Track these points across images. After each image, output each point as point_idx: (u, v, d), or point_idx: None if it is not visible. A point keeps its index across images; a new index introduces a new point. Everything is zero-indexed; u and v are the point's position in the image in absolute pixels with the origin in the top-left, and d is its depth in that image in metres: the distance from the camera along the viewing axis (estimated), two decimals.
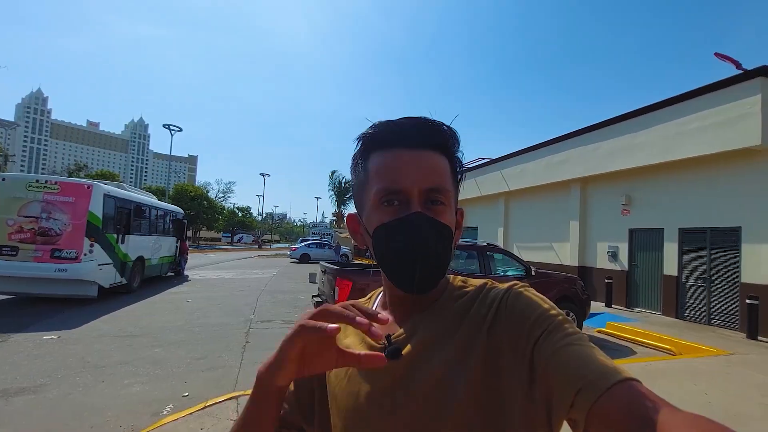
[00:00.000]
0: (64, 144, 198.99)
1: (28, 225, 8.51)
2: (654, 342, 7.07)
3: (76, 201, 8.81)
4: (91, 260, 8.77)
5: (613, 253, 10.97)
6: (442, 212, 0.61)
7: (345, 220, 0.72)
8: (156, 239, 12.96)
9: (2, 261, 8.28)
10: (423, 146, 0.61)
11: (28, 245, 8.44)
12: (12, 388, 4.24)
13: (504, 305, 0.58)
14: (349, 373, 0.65)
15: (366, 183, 0.63)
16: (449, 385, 0.56)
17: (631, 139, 10.08)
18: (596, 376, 0.44)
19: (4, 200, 8.55)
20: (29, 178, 8.99)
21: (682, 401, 4.15)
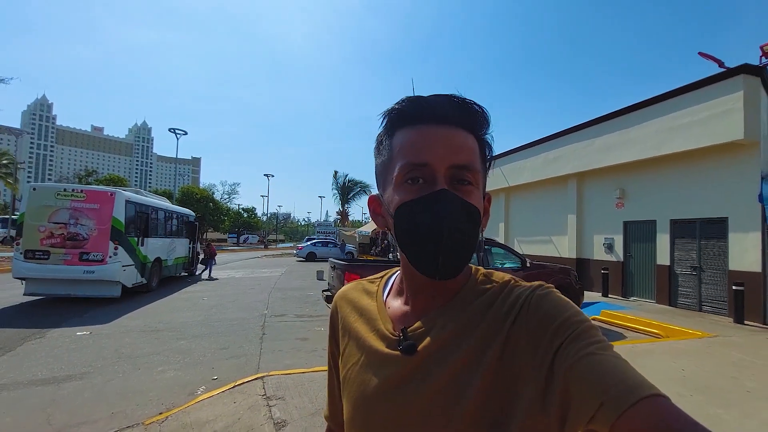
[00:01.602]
0: (69, 149, 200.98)
1: (58, 230, 9.17)
2: (644, 327, 7.52)
3: (100, 207, 9.49)
4: (116, 262, 9.42)
5: (608, 244, 11.40)
6: (470, 193, 0.58)
7: (367, 202, 0.69)
8: (171, 241, 13.64)
9: (36, 264, 8.98)
10: (452, 123, 0.58)
11: (59, 249, 9.11)
12: (60, 375, 4.77)
13: (527, 306, 0.55)
14: (361, 359, 0.64)
15: (390, 161, 0.60)
16: (462, 386, 0.54)
17: (624, 134, 10.49)
18: (622, 389, 0.42)
19: (35, 208, 9.22)
20: (58, 187, 9.67)
21: (659, 376, 4.61)
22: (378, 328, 0.65)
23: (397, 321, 0.64)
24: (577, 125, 12.35)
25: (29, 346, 5.89)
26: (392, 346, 0.61)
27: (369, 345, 0.64)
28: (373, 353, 0.63)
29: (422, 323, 0.61)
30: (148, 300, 9.87)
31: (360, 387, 0.62)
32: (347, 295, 0.75)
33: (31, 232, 9.10)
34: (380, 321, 0.66)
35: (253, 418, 3.46)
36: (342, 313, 0.74)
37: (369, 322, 0.67)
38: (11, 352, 5.57)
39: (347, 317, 0.72)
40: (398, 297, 0.68)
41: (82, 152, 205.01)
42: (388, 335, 0.63)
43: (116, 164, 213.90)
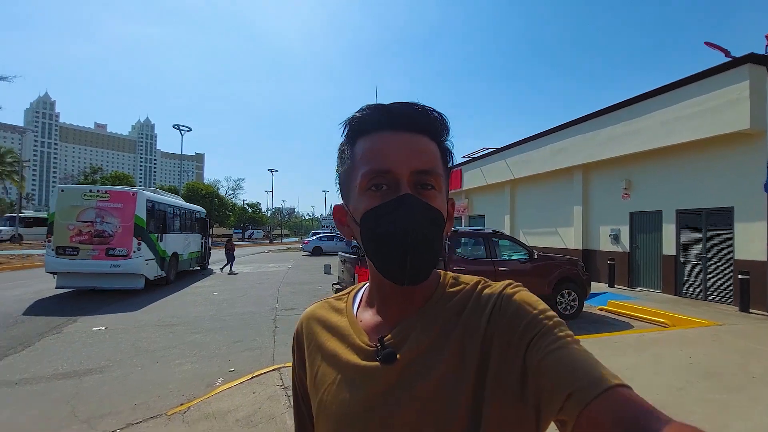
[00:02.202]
0: (73, 147, 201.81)
1: (86, 228, 9.91)
2: (650, 317, 7.59)
3: (124, 206, 10.20)
4: (139, 257, 10.16)
5: (614, 235, 11.44)
6: (433, 197, 0.58)
7: (332, 213, 0.68)
8: (185, 237, 14.35)
9: (66, 260, 9.73)
10: (413, 129, 0.59)
11: (87, 246, 9.83)
12: (80, 369, 4.91)
13: (498, 306, 0.57)
14: (338, 377, 0.62)
15: (352, 169, 0.61)
16: (448, 393, 0.54)
17: (630, 125, 10.47)
18: (588, 380, 0.44)
19: (64, 208, 9.94)
20: (84, 189, 10.54)
21: (667, 364, 4.70)
22: (353, 342, 0.63)
23: (372, 332, 0.63)
24: (583, 116, 12.33)
25: (47, 341, 6.05)
26: (370, 357, 0.60)
27: (345, 361, 0.62)
28: (351, 368, 0.61)
29: (398, 331, 0.60)
30: (160, 296, 10.04)
31: (341, 406, 0.60)
32: (315, 315, 0.72)
33: (61, 230, 9.81)
34: (354, 335, 0.64)
35: (273, 407, 3.58)
36: (310, 334, 0.71)
37: (342, 339, 0.65)
38: (30, 347, 5.73)
39: (317, 337, 0.69)
40: (369, 309, 0.67)
41: (86, 150, 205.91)
42: (364, 347, 0.61)
43: (120, 161, 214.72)
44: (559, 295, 7.67)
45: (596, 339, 5.94)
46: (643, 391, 3.90)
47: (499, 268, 7.39)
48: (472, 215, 20.35)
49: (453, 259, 7.29)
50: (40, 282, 12.09)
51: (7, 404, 3.91)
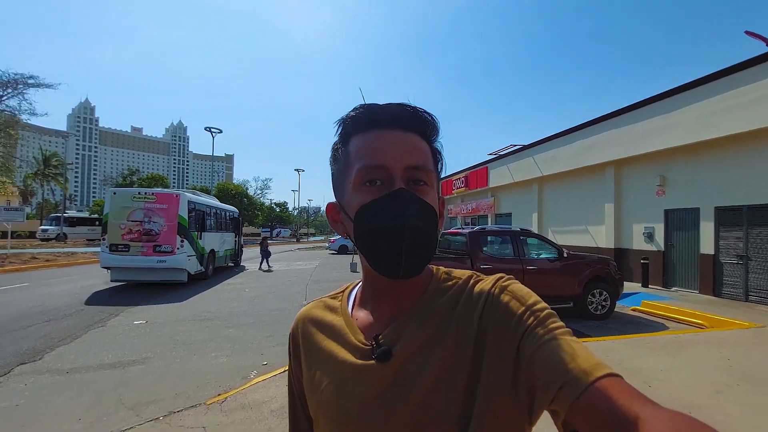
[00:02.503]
0: (112, 150, 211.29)
1: (135, 227, 10.94)
2: (686, 318, 7.32)
3: (168, 207, 11.20)
4: (183, 253, 11.21)
5: (649, 234, 11.06)
6: (426, 193, 0.59)
7: (325, 211, 0.69)
8: (221, 235, 15.38)
9: (118, 256, 10.83)
10: (405, 128, 0.60)
11: (136, 243, 10.87)
12: (124, 360, 5.21)
13: (490, 301, 0.58)
14: (335, 378, 0.62)
15: (346, 167, 0.61)
16: (445, 388, 0.55)
17: (665, 119, 10.10)
18: (579, 371, 0.45)
19: (116, 209, 10.99)
20: (133, 191, 11.66)
21: (704, 366, 4.55)
22: (348, 341, 0.63)
23: (367, 330, 0.63)
24: (615, 111, 11.96)
25: (93, 333, 6.44)
26: (366, 356, 0.60)
27: (341, 360, 0.62)
28: (348, 368, 0.61)
29: (393, 328, 0.60)
30: (195, 292, 10.48)
31: (339, 406, 0.60)
32: (310, 315, 0.72)
33: (114, 229, 10.90)
34: (349, 334, 0.64)
35: None
36: (306, 334, 0.71)
37: (338, 338, 0.65)
38: (78, 339, 6.11)
39: (313, 337, 0.69)
40: (363, 307, 0.67)
41: (123, 152, 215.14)
42: (360, 346, 0.62)
43: (155, 163, 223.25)
44: (590, 295, 7.51)
45: (628, 339, 5.81)
46: (678, 393, 3.84)
47: (527, 266, 7.31)
48: (498, 213, 20.09)
49: (480, 257, 7.27)
50: (84, 278, 12.85)
51: (61, 391, 4.21)
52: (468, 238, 7.50)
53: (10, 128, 22.48)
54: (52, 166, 45.11)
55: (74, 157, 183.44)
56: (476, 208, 21.84)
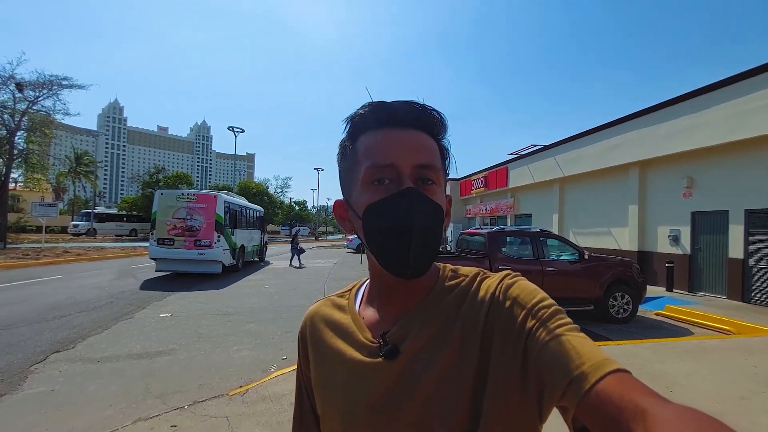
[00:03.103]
0: (139, 148, 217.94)
1: (179, 224, 12.40)
2: (712, 323, 7.11)
3: (207, 206, 12.58)
4: (219, 247, 12.58)
5: (674, 236, 10.76)
6: (434, 192, 0.59)
7: (332, 208, 0.69)
8: (250, 232, 16.71)
9: (165, 249, 12.28)
10: (414, 126, 0.60)
11: (180, 238, 12.33)
12: (151, 351, 5.42)
13: (497, 297, 0.58)
14: (343, 376, 0.63)
15: (355, 165, 0.62)
16: (451, 385, 0.55)
17: (693, 119, 9.81)
18: (588, 366, 0.45)
19: (163, 208, 12.46)
20: (177, 192, 13.29)
21: (730, 373, 4.44)
22: (356, 339, 0.64)
23: (374, 328, 0.64)
24: (640, 110, 11.67)
25: (122, 325, 6.71)
26: (373, 354, 0.61)
27: (350, 358, 0.63)
28: (355, 365, 0.62)
29: (400, 326, 0.61)
30: (218, 287, 10.77)
31: (347, 404, 0.61)
32: (319, 314, 0.73)
33: (161, 225, 12.31)
34: (357, 332, 0.65)
35: None
36: (314, 332, 0.71)
37: (346, 336, 0.66)
38: (108, 330, 6.38)
39: (321, 335, 0.69)
40: (371, 305, 0.68)
41: (150, 151, 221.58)
42: (367, 344, 0.62)
43: (180, 161, 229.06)
44: (612, 298, 7.38)
45: (651, 344, 5.69)
46: (701, 399, 3.76)
47: (546, 268, 7.24)
48: (518, 214, 19.86)
49: (498, 258, 7.24)
50: (111, 272, 13.32)
51: (93, 379, 4.42)
52: (486, 239, 7.47)
53: (45, 128, 23.43)
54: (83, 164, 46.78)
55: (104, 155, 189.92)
56: (495, 208, 21.64)
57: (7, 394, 4.01)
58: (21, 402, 3.86)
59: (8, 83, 20.90)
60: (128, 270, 14.02)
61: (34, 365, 4.79)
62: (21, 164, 23.29)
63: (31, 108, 22.16)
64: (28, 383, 4.29)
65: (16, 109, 21.57)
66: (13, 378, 4.41)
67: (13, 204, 37.27)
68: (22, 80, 21.22)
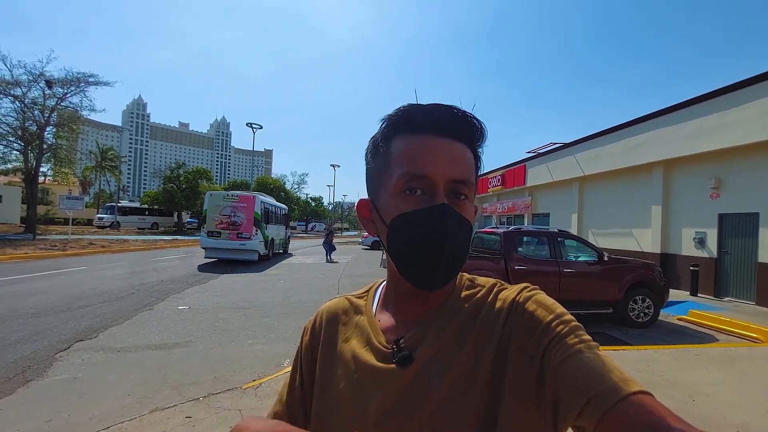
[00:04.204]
0: (161, 144, 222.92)
1: (225, 219, 15.06)
2: (739, 330, 6.84)
3: (247, 205, 15.28)
4: (256, 239, 15.21)
5: (700, 239, 10.41)
6: (465, 207, 0.58)
7: (356, 206, 0.67)
8: (277, 227, 19.11)
9: (213, 240, 14.99)
10: (452, 135, 0.58)
11: (225, 230, 15.02)
12: (169, 342, 5.54)
13: (516, 308, 0.57)
14: (354, 378, 0.62)
15: (386, 168, 0.60)
16: (462, 394, 0.54)
17: (721, 117, 9.45)
18: (608, 386, 0.44)
19: (212, 206, 15.23)
20: (224, 193, 16.13)
21: (758, 382, 4.27)
22: (371, 343, 0.63)
23: (389, 333, 0.63)
24: (665, 108, 11.31)
25: (141, 316, 6.87)
26: (387, 359, 0.60)
27: (363, 361, 0.62)
28: (368, 369, 0.61)
29: (414, 333, 0.60)
30: (233, 281, 10.95)
31: (356, 408, 0.60)
32: (334, 312, 0.72)
33: (210, 220, 15.04)
34: (372, 335, 0.64)
35: None
36: (328, 331, 0.70)
37: (361, 339, 0.65)
38: (128, 321, 6.55)
39: (336, 335, 0.68)
40: (387, 309, 0.67)
41: (171, 146, 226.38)
42: (381, 349, 0.61)
43: (200, 157, 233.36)
44: (632, 302, 7.18)
45: (673, 350, 5.52)
46: (726, 410, 3.63)
47: (564, 269, 7.09)
48: (536, 213, 19.55)
49: (514, 258, 7.12)
50: (133, 264, 13.69)
51: (113, 368, 4.55)
52: (502, 238, 7.35)
53: (72, 123, 24.22)
54: (107, 159, 48.23)
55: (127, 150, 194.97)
56: (512, 207, 21.35)
57: (33, 380, 4.16)
58: (46, 388, 3.99)
59: (38, 80, 21.64)
60: (149, 262, 14.38)
61: (58, 353, 4.96)
62: (50, 158, 24.11)
63: (59, 104, 22.92)
64: (53, 370, 4.44)
65: (45, 105, 22.33)
66: (39, 365, 4.57)
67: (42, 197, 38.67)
68: (51, 77, 21.95)
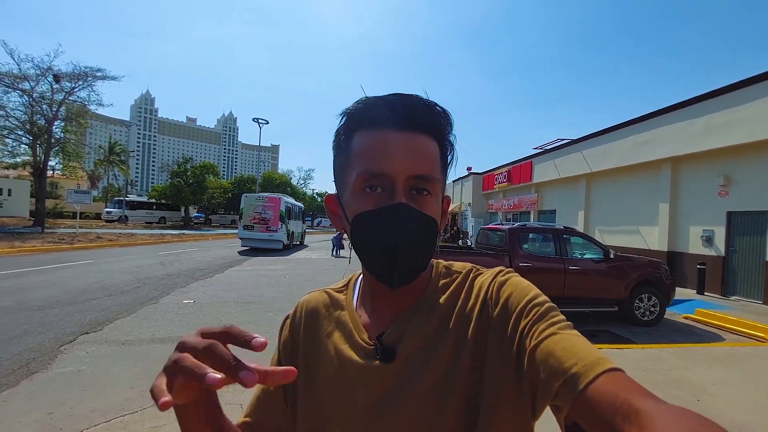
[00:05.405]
0: (169, 139, 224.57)
1: (257, 216, 19.00)
2: (746, 329, 6.75)
3: (274, 205, 19.21)
4: (282, 232, 19.19)
5: (707, 237, 10.28)
6: (428, 203, 0.57)
7: (324, 201, 0.67)
8: (296, 222, 23.13)
9: (248, 232, 18.94)
10: (412, 128, 0.56)
11: (258, 224, 18.96)
12: (173, 336, 5.57)
13: (490, 294, 0.57)
14: (338, 375, 0.61)
15: (348, 164, 0.59)
16: (444, 386, 0.54)
17: (731, 113, 9.30)
18: (582, 365, 0.44)
19: (247, 205, 19.15)
20: (256, 195, 20.07)
21: (763, 382, 4.21)
22: (353, 339, 0.62)
23: (370, 328, 0.62)
24: (674, 104, 11.16)
25: (146, 309, 6.93)
26: (370, 356, 0.59)
27: (346, 357, 0.61)
28: (351, 366, 0.60)
29: (395, 328, 0.59)
30: (236, 276, 11.02)
31: (342, 406, 0.59)
32: (315, 306, 0.70)
33: (246, 216, 18.99)
34: (354, 331, 0.63)
35: None
36: (310, 326, 0.68)
37: (343, 335, 0.64)
38: (133, 314, 6.60)
39: (319, 331, 0.67)
40: (365, 303, 0.66)
41: (179, 141, 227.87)
42: (364, 346, 0.60)
43: (207, 152, 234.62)
44: (638, 300, 7.12)
45: (678, 349, 5.47)
46: (731, 409, 3.58)
47: (569, 266, 7.03)
48: (542, 210, 19.42)
49: (519, 254, 7.08)
50: (140, 258, 13.81)
51: (117, 361, 4.59)
52: (507, 235, 7.31)
53: (80, 118, 24.41)
54: (115, 154, 48.58)
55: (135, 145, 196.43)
56: (518, 203, 21.22)
57: (38, 372, 4.20)
58: (50, 380, 4.03)
59: (46, 75, 21.80)
60: (155, 256, 14.49)
61: (63, 345, 5.01)
62: (58, 152, 24.34)
63: (67, 98, 23.07)
64: (57, 362, 4.48)
65: (53, 99, 22.50)
66: (44, 357, 4.61)
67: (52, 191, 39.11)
68: (59, 72, 22.10)
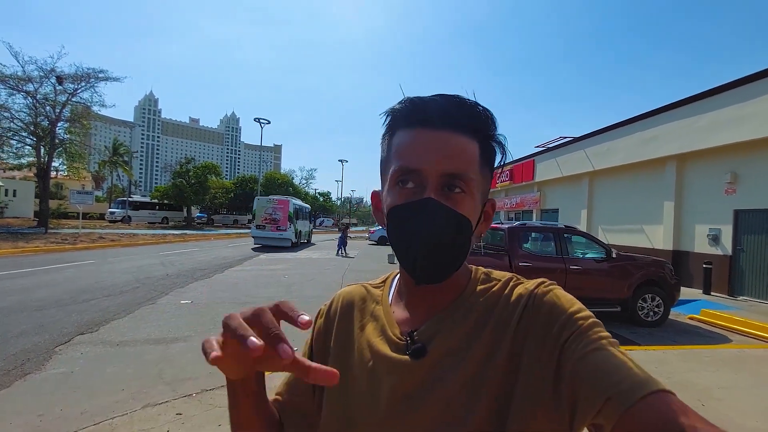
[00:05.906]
0: (172, 139, 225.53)
1: (268, 216, 20.99)
2: (754, 331, 6.59)
3: (284, 207, 21.20)
4: (290, 231, 21.21)
5: (714, 236, 10.11)
6: (461, 201, 0.57)
7: (370, 197, 0.69)
8: (303, 222, 25.07)
9: (260, 231, 20.97)
10: (450, 127, 0.57)
11: (269, 224, 20.95)
12: (168, 337, 5.52)
13: (532, 304, 0.56)
14: (368, 369, 0.61)
15: (388, 161, 0.61)
16: (474, 389, 0.53)
17: (738, 109, 9.13)
18: (628, 384, 0.43)
19: (259, 207, 21.20)
20: (267, 198, 22.32)
21: None
22: (386, 333, 0.63)
23: (403, 324, 0.63)
24: (680, 100, 10.98)
25: (144, 310, 6.88)
26: (400, 351, 0.59)
27: (377, 351, 0.62)
28: (382, 360, 0.60)
29: (429, 326, 0.59)
30: (235, 275, 10.96)
31: (368, 397, 0.59)
32: (352, 298, 0.71)
33: (258, 217, 20.97)
34: (387, 326, 0.64)
35: None
36: (344, 316, 0.69)
37: (376, 328, 0.64)
38: (131, 314, 6.55)
39: (351, 322, 0.68)
40: (401, 300, 0.66)
41: (182, 142, 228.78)
42: (395, 340, 0.61)
43: (210, 152, 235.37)
44: (641, 300, 6.98)
45: (683, 350, 5.34)
46: (738, 414, 3.46)
47: (570, 266, 6.91)
48: (544, 209, 19.27)
49: (519, 254, 6.95)
50: (142, 258, 13.80)
51: (111, 362, 4.53)
52: (507, 234, 7.18)
53: (83, 119, 24.48)
54: (119, 154, 48.77)
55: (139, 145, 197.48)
56: (521, 202, 21.08)
57: (31, 374, 4.16)
58: (42, 381, 3.98)
59: (49, 76, 21.88)
60: (156, 256, 14.48)
61: (58, 346, 4.96)
62: (61, 153, 24.43)
63: (70, 100, 23.15)
64: (51, 363, 4.44)
65: (57, 101, 22.58)
66: (39, 358, 4.57)
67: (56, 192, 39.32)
68: (62, 73, 22.18)
